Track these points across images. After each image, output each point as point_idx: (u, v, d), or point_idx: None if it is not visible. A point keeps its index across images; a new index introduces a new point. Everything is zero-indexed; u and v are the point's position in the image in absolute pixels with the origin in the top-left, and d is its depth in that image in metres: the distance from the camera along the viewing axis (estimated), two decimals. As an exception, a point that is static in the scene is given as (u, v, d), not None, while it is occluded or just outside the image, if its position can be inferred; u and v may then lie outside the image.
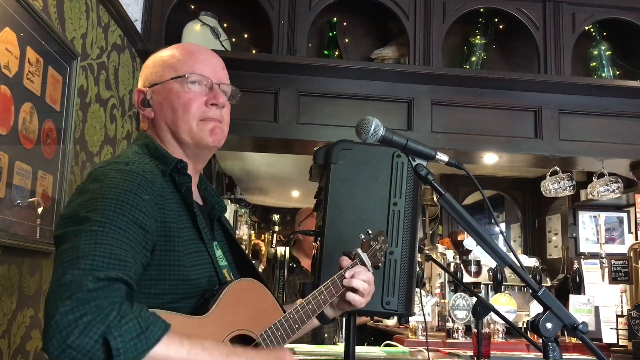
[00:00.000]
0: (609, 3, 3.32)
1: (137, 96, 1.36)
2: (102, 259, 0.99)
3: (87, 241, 1.01)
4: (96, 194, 1.09)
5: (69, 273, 0.96)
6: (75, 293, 0.93)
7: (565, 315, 1.14)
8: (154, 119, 1.33)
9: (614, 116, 3.29)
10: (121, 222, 1.05)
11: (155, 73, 1.35)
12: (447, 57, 3.37)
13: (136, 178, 1.13)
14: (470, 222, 1.20)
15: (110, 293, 0.96)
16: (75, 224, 1.04)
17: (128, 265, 1.02)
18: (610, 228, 5.47)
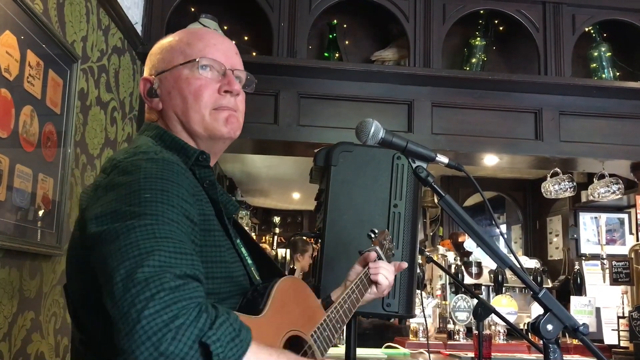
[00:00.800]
0: (609, 4, 3.32)
1: (142, 85, 1.24)
2: (169, 254, 0.89)
3: (146, 236, 0.90)
4: (134, 186, 0.97)
5: (140, 271, 0.85)
6: (158, 293, 0.83)
7: (566, 317, 1.13)
8: (163, 110, 1.22)
9: (614, 117, 3.29)
10: (172, 214, 0.95)
11: (162, 59, 1.24)
12: (447, 59, 3.37)
13: (172, 167, 1.03)
14: (470, 224, 1.20)
15: (192, 292, 0.86)
16: (121, 219, 0.93)
17: (195, 261, 0.92)
18: (611, 229, 5.46)
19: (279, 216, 9.54)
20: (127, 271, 0.85)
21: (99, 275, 0.92)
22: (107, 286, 0.87)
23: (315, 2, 3.13)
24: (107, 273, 0.88)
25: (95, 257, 0.93)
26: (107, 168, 1.07)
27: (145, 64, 1.29)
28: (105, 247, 0.91)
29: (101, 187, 1.02)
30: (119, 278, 0.85)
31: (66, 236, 2.14)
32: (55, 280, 2.09)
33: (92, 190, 1.06)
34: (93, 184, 1.09)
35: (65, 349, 2.19)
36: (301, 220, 9.98)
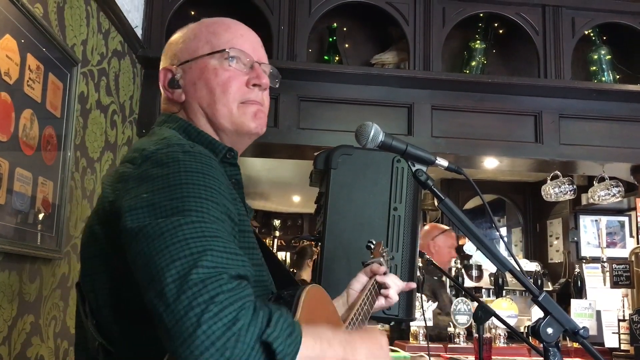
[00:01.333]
0: (608, 7, 3.32)
1: (163, 76, 1.18)
2: (221, 254, 0.84)
3: (195, 234, 0.85)
4: (174, 179, 0.91)
5: (194, 272, 0.80)
6: (217, 295, 0.79)
7: (566, 320, 1.13)
8: (186, 102, 1.16)
9: (614, 120, 3.30)
10: (216, 212, 0.90)
11: (185, 49, 1.17)
12: (447, 62, 3.37)
13: (211, 162, 0.97)
14: (470, 227, 1.20)
15: (246, 292, 0.82)
16: (163, 214, 0.87)
17: (245, 260, 0.88)
18: (612, 232, 5.46)
19: (279, 219, 9.54)
20: (179, 271, 0.81)
21: (140, 273, 0.86)
22: (153, 286, 0.82)
23: (315, 5, 3.13)
24: (152, 272, 0.83)
25: (134, 253, 0.87)
26: (135, 158, 0.99)
27: (163, 54, 1.23)
28: (148, 244, 0.85)
29: (132, 178, 0.95)
30: (170, 279, 0.80)
31: (66, 239, 2.14)
32: (55, 284, 2.09)
33: (117, 181, 0.98)
34: (117, 175, 1.01)
35: (65, 352, 2.19)
36: (301, 223, 9.97)
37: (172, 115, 1.17)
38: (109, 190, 1.00)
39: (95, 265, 1.01)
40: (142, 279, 0.86)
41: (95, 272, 1.01)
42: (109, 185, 1.01)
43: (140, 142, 1.08)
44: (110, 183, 1.01)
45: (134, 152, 1.01)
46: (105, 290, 0.99)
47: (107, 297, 0.99)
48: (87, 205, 2.36)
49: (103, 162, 2.51)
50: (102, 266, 1.00)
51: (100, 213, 1.01)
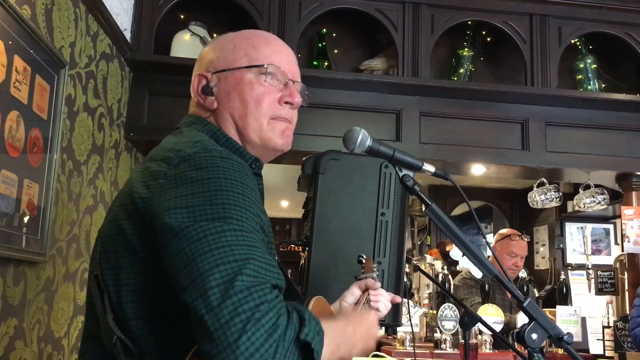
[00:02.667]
0: (594, 17, 3.36)
1: (197, 81, 1.19)
2: (261, 264, 0.88)
3: (238, 242, 0.88)
4: (214, 185, 0.93)
5: (240, 279, 0.84)
6: (262, 304, 0.83)
7: (551, 326, 1.14)
8: (217, 110, 1.17)
9: (599, 128, 3.33)
10: (252, 221, 0.93)
11: (223, 58, 1.19)
12: (435, 69, 3.40)
13: (246, 170, 0.99)
14: (456, 233, 1.21)
15: (282, 300, 0.87)
16: (204, 218, 0.90)
17: (279, 273, 0.92)
18: (597, 239, 5.51)
19: (267, 224, 9.51)
20: (223, 276, 0.84)
21: (176, 271, 0.88)
22: (195, 287, 0.84)
23: (304, 11, 3.14)
24: (194, 273, 0.85)
25: (173, 251, 0.89)
26: (170, 158, 0.99)
27: (198, 60, 1.24)
28: (190, 245, 0.87)
29: (169, 178, 0.96)
30: (214, 282, 0.83)
31: (51, 243, 2.12)
32: (40, 287, 2.07)
33: (151, 179, 0.99)
34: (149, 172, 1.01)
35: (48, 356, 2.17)
36: (289, 228, 9.96)
37: (200, 118, 1.18)
38: (140, 186, 1.00)
39: (120, 260, 1.00)
40: (179, 278, 0.88)
41: (119, 266, 1.00)
42: (139, 182, 1.01)
43: (171, 141, 1.08)
44: (142, 179, 1.01)
45: (169, 152, 1.01)
46: (130, 287, 0.99)
47: (132, 293, 0.99)
48: (73, 209, 2.34)
49: (90, 165, 2.49)
50: (129, 262, 1.00)
51: (129, 208, 1.00)
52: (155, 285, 0.96)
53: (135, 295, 0.98)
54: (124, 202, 1.03)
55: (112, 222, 1.04)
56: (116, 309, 0.99)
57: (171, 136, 1.15)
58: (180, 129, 1.17)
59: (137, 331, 0.97)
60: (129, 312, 0.98)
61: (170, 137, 1.13)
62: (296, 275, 2.51)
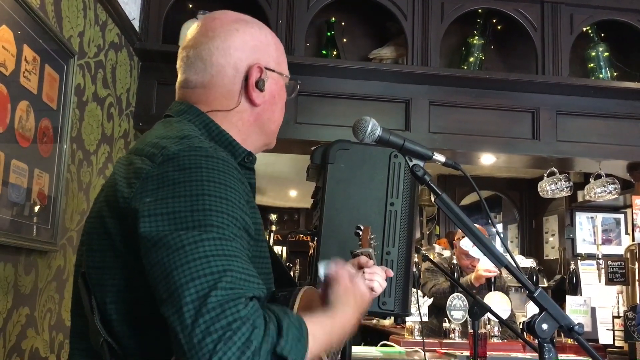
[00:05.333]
0: (607, 4, 3.32)
1: (256, 73, 1.14)
2: (239, 274, 0.86)
3: (215, 252, 0.86)
4: (196, 188, 0.91)
5: (214, 294, 0.82)
6: (235, 321, 0.82)
7: (561, 317, 1.13)
8: (258, 107, 1.16)
9: (611, 117, 3.30)
10: (235, 228, 0.91)
11: (269, 56, 1.18)
12: (445, 58, 3.37)
13: (232, 171, 0.97)
14: (467, 223, 1.20)
15: (258, 311, 0.85)
16: (184, 226, 0.88)
17: (260, 283, 0.90)
18: (607, 229, 5.48)
19: (276, 214, 9.52)
20: (198, 291, 0.83)
21: (155, 281, 0.87)
22: (171, 301, 0.84)
23: (313, 0, 3.12)
24: (171, 287, 0.85)
25: (151, 261, 0.88)
26: (154, 155, 0.97)
27: (236, 37, 1.14)
28: (167, 255, 0.86)
29: (151, 178, 0.94)
30: (189, 298, 0.83)
31: (62, 232, 2.13)
32: (51, 276, 2.09)
33: (134, 176, 0.96)
34: (132, 168, 0.98)
35: (60, 345, 2.19)
36: (298, 218, 9.98)
37: (192, 107, 1.13)
38: (123, 183, 0.97)
39: (105, 259, 0.99)
40: (159, 290, 0.87)
41: (104, 266, 0.99)
42: (123, 178, 0.98)
43: (158, 133, 1.05)
44: (125, 175, 0.98)
45: (153, 148, 0.99)
46: (115, 287, 0.98)
47: (117, 293, 0.97)
48: (83, 198, 2.35)
49: (99, 155, 2.50)
50: (113, 262, 0.98)
51: (113, 205, 0.98)
52: (138, 288, 0.94)
53: (118, 296, 0.97)
54: (108, 198, 1.01)
55: (97, 219, 1.02)
56: (101, 309, 0.98)
57: (160, 125, 1.11)
58: (169, 118, 1.13)
59: (121, 332, 0.96)
60: (113, 314, 0.97)
61: (159, 128, 1.10)
62: (305, 265, 2.51)
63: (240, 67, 1.14)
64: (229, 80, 1.13)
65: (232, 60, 1.13)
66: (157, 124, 1.13)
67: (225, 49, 1.13)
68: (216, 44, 1.13)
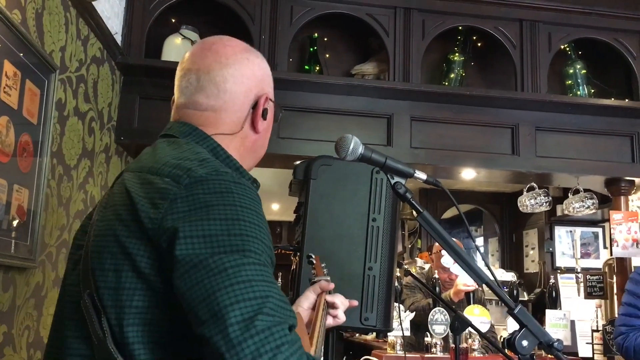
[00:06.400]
0: (584, 23, 3.39)
1: (265, 102, 1.20)
2: (279, 302, 0.88)
3: (257, 277, 0.88)
4: (232, 213, 0.92)
5: (260, 318, 0.84)
6: (283, 345, 0.84)
7: (541, 333, 1.15)
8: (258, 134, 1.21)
9: (589, 134, 3.36)
10: (265, 255, 0.93)
11: (270, 86, 1.24)
12: (426, 74, 3.41)
13: (255, 195, 0.98)
14: (447, 240, 1.21)
15: (300, 342, 0.88)
16: (223, 249, 0.89)
17: (292, 310, 0.92)
18: (586, 243, 5.55)
19: (258, 227, 9.51)
20: (243, 314, 0.84)
21: (194, 303, 0.87)
22: (214, 322, 0.84)
23: (296, 15, 3.15)
24: (214, 307, 0.85)
25: (188, 282, 0.88)
26: (180, 177, 0.95)
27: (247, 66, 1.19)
28: (209, 277, 0.87)
29: (182, 199, 0.93)
30: (234, 320, 0.83)
31: (41, 248, 2.11)
32: (29, 293, 2.05)
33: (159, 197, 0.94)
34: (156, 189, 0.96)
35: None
36: (280, 231, 9.95)
37: (197, 130, 1.13)
38: (145, 203, 0.95)
39: (122, 280, 0.96)
40: (198, 311, 0.87)
41: (120, 287, 0.96)
42: (143, 197, 0.96)
43: (172, 154, 1.03)
44: (146, 195, 0.96)
45: (176, 169, 0.98)
46: (134, 309, 0.95)
47: (135, 315, 0.94)
48: (63, 213, 2.33)
49: (80, 170, 2.48)
50: (133, 283, 0.95)
51: (131, 225, 0.96)
52: (163, 310, 0.93)
53: (140, 318, 0.94)
54: (122, 216, 0.98)
55: (110, 238, 0.98)
56: (115, 331, 0.95)
57: (166, 146, 1.09)
58: (176, 139, 1.12)
59: (139, 356, 0.93)
60: (131, 336, 0.94)
61: (166, 147, 1.08)
62: (287, 280, 2.51)
63: (249, 95, 1.19)
64: (239, 107, 1.18)
65: (244, 89, 1.18)
66: (161, 143, 1.11)
67: (239, 77, 1.18)
68: (230, 71, 1.18)
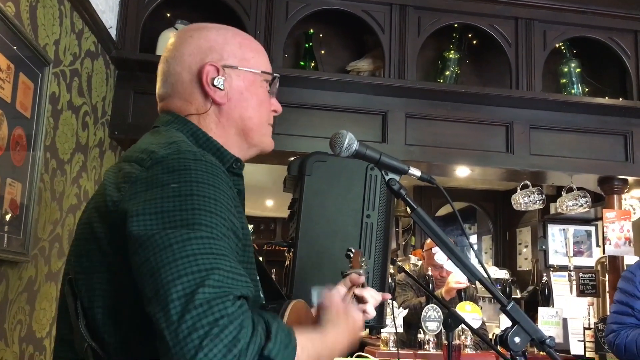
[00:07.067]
0: (579, 22, 3.40)
1: (211, 71, 1.14)
2: (227, 273, 0.86)
3: (203, 250, 0.86)
4: (185, 189, 0.91)
5: (201, 291, 0.82)
6: (222, 317, 0.81)
7: (533, 330, 1.15)
8: (225, 105, 1.15)
9: (582, 132, 3.37)
10: (223, 228, 0.91)
11: (232, 54, 1.17)
12: (421, 71, 3.41)
13: (220, 173, 0.97)
14: (441, 237, 1.22)
15: (247, 312, 0.85)
16: (172, 225, 0.88)
17: (247, 281, 0.90)
18: (579, 241, 5.57)
19: (252, 223, 9.51)
20: (184, 288, 0.82)
21: (142, 281, 0.87)
22: (157, 299, 0.84)
23: (291, 11, 3.14)
24: (157, 284, 0.84)
25: (139, 260, 0.88)
26: (143, 160, 0.98)
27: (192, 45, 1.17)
28: (154, 254, 0.86)
29: (140, 181, 0.95)
30: (175, 295, 0.82)
31: (34, 242, 2.10)
32: (22, 287, 2.05)
33: (123, 181, 0.97)
34: (121, 174, 0.99)
35: (30, 357, 2.15)
36: (274, 227, 9.95)
37: (179, 117, 1.15)
38: (112, 188, 0.98)
39: (93, 264, 0.99)
40: (145, 289, 0.86)
41: (92, 271, 0.99)
42: (112, 183, 0.99)
43: (147, 141, 1.06)
44: (114, 181, 0.99)
45: (142, 153, 1.00)
46: (102, 292, 0.97)
47: (103, 298, 0.97)
48: (56, 207, 2.32)
49: (73, 164, 2.47)
50: (101, 266, 0.98)
51: (102, 211, 0.99)
52: (126, 291, 0.93)
53: (106, 300, 0.97)
54: (97, 205, 1.01)
55: (86, 225, 1.02)
56: (88, 314, 0.97)
57: (148, 135, 1.12)
58: (158, 128, 1.15)
59: (107, 337, 0.96)
60: (99, 318, 0.96)
61: (147, 137, 1.11)
62: (281, 276, 2.51)
63: (193, 70, 1.15)
64: (187, 85, 1.16)
65: (187, 65, 1.16)
66: (145, 135, 1.14)
67: (179, 57, 1.17)
68: (172, 54, 1.19)
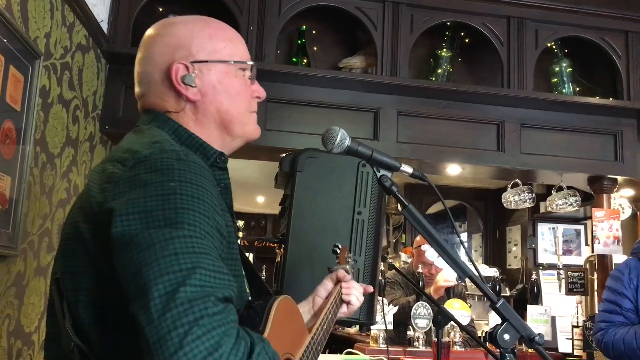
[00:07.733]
0: (571, 21, 3.41)
1: (177, 70, 1.13)
2: (210, 272, 0.85)
3: (185, 249, 0.85)
4: (168, 188, 0.91)
5: (182, 290, 0.81)
6: (202, 317, 0.80)
7: (523, 327, 1.16)
8: (199, 102, 1.14)
9: (573, 131, 3.39)
10: (207, 226, 0.90)
11: (202, 47, 1.15)
12: (413, 69, 3.41)
13: (203, 171, 0.97)
14: (432, 234, 1.22)
15: (230, 316, 0.83)
16: (155, 224, 0.87)
17: (231, 281, 0.88)
18: (568, 240, 5.61)
19: (243, 219, 9.49)
20: (166, 287, 0.81)
21: (126, 281, 0.86)
22: (139, 297, 0.83)
23: (284, 7, 3.13)
24: (139, 283, 0.83)
25: (123, 260, 0.87)
26: (126, 160, 0.97)
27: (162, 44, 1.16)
28: (137, 253, 0.85)
29: (123, 180, 0.94)
30: (156, 293, 0.81)
31: (23, 236, 2.08)
32: (10, 282, 2.03)
33: (106, 181, 0.96)
34: (105, 174, 0.98)
35: (18, 352, 2.13)
36: (265, 224, 9.94)
37: (160, 115, 1.15)
38: (96, 188, 0.98)
39: (78, 264, 0.99)
40: (128, 288, 0.86)
41: (77, 270, 0.99)
42: (96, 184, 0.99)
43: (130, 141, 1.06)
44: (98, 181, 0.99)
45: (125, 153, 1.00)
46: (87, 291, 0.97)
47: (88, 297, 0.97)
48: (46, 202, 2.30)
49: (63, 158, 2.45)
50: (86, 266, 0.98)
51: (86, 211, 0.99)
52: (111, 291, 0.93)
53: (91, 300, 0.96)
54: (82, 204, 1.01)
55: (72, 225, 1.02)
56: (74, 314, 0.97)
57: (131, 134, 1.12)
58: (140, 127, 1.14)
59: (93, 337, 0.95)
60: (85, 317, 0.96)
61: (130, 136, 1.11)
62: (272, 272, 2.51)
63: (163, 69, 1.15)
64: (160, 85, 1.15)
65: (157, 65, 1.16)
66: (128, 134, 1.13)
67: (149, 57, 1.17)
68: (143, 54, 1.19)
